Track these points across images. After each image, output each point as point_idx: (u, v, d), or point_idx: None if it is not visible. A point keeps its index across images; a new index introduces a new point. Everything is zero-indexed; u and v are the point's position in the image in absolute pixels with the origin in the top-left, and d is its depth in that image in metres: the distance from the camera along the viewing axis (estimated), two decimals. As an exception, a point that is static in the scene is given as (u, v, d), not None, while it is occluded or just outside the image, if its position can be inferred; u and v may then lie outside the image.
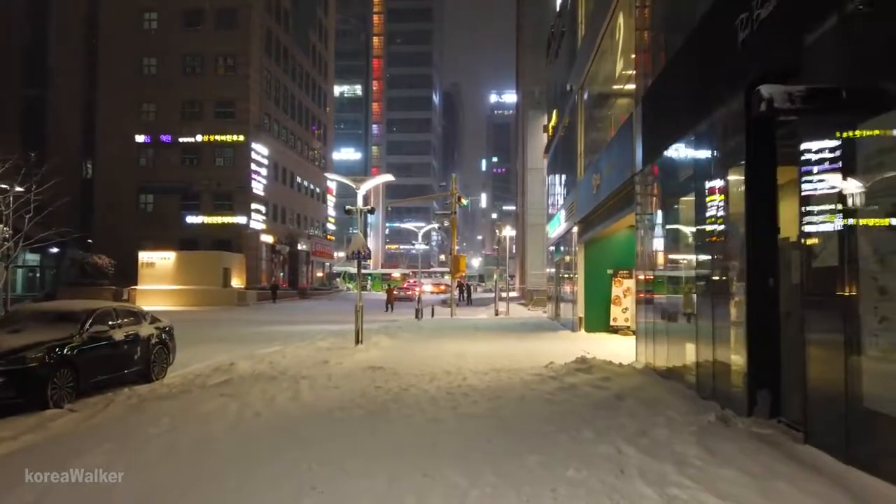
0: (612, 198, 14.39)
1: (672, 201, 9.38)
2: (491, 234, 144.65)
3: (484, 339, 18.44)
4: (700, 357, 7.98)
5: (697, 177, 8.12)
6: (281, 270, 57.30)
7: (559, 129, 26.34)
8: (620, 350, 14.95)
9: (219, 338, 20.51)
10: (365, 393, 8.88)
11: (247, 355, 14.68)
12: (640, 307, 11.45)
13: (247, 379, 10.61)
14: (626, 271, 19.69)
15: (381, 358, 13.53)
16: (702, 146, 7.96)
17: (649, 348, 10.65)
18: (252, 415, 7.50)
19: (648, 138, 10.57)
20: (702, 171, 7.98)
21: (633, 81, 15.64)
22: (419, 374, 10.79)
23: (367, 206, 16.60)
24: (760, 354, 6.46)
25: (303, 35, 62.88)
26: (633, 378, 9.32)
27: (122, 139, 49.73)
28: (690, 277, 8.65)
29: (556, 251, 27.27)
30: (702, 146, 7.96)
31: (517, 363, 12.24)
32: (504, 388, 9.19)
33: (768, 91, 4.65)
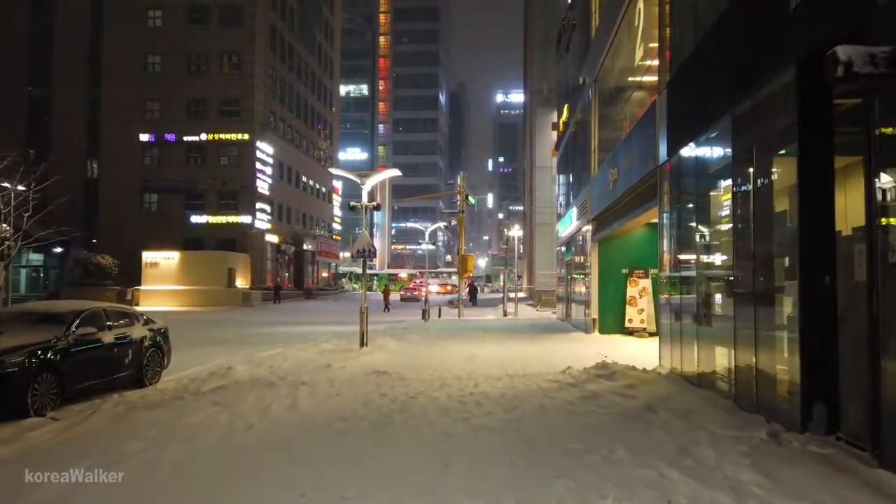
0: (630, 193, 13.63)
1: (703, 193, 8.63)
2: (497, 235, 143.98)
3: (494, 341, 17.71)
4: (738, 363, 7.23)
5: (736, 165, 7.38)
6: (286, 270, 56.71)
7: (570, 125, 25.58)
8: (639, 353, 14.21)
9: (220, 339, 19.88)
10: (369, 401, 8.17)
11: (246, 358, 14.04)
12: (664, 308, 10.70)
13: (244, 385, 9.92)
14: (642, 271, 18.95)
15: (387, 361, 12.83)
16: (741, 131, 7.21)
17: (675, 352, 9.89)
18: (244, 427, 6.80)
19: (675, 127, 9.82)
20: (741, 158, 7.23)
21: (651, 72, 14.92)
22: (427, 380, 10.07)
23: (373, 202, 15.89)
24: (816, 362, 5.71)
25: (308, 33, 62.30)
26: (660, 385, 8.58)
27: (127, 138, 49.22)
28: (725, 276, 7.91)
29: (567, 250, 26.51)
30: (741, 131, 7.21)
31: (532, 368, 11.50)
32: (520, 396, 8.46)
33: (846, 53, 3.91)
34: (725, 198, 7.92)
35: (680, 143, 9.51)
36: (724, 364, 7.91)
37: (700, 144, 8.69)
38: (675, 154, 9.80)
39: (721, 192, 8.07)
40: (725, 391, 7.72)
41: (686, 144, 9.20)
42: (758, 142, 6.79)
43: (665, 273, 10.62)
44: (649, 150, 11.52)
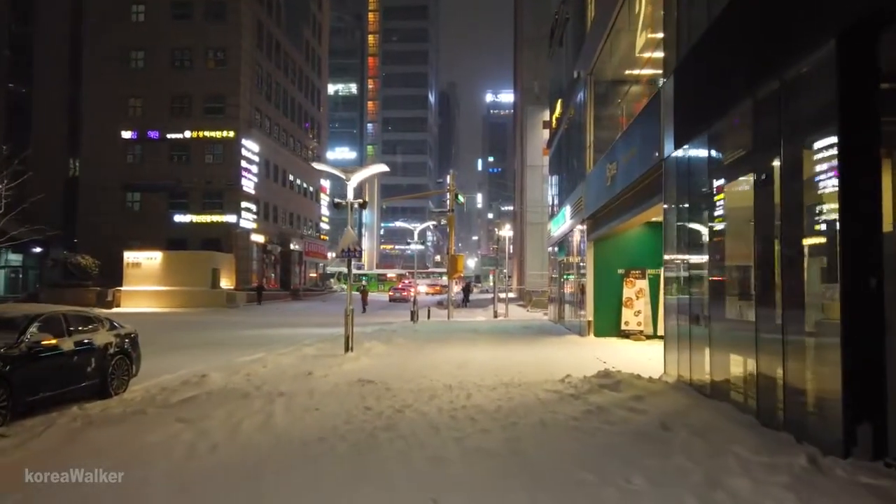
0: (631, 189, 12.91)
1: (717, 186, 7.90)
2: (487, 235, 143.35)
3: (486, 344, 16.95)
4: (761, 374, 6.50)
5: (758, 155, 6.65)
6: (272, 271, 55.68)
7: (563, 121, 24.87)
8: (639, 358, 13.50)
9: (200, 342, 19.02)
10: (351, 417, 7.37)
11: (224, 364, 13.22)
12: (670, 311, 9.97)
13: (216, 396, 9.10)
14: (639, 271, 18.27)
15: (373, 368, 12.03)
16: (765, 116, 6.48)
17: (683, 359, 9.16)
18: (207, 449, 5.98)
19: (683, 115, 9.09)
20: (764, 147, 6.50)
21: (651, 65, 14.24)
22: (416, 390, 9.28)
23: (359, 199, 15.08)
24: (860, 376, 4.98)
25: (296, 30, 61.27)
26: (671, 397, 7.84)
27: (108, 135, 48.00)
28: (745, 277, 7.18)
29: (560, 250, 25.80)
30: (765, 116, 6.48)
31: (528, 375, 10.74)
32: (518, 409, 7.69)
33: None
34: (743, 191, 7.19)
35: (689, 133, 8.78)
36: (742, 374, 7.19)
37: (713, 133, 7.96)
38: (683, 145, 9.07)
39: (738, 184, 7.34)
40: (744, 404, 7.00)
41: (696, 134, 8.48)
42: (786, 128, 6.06)
43: (672, 273, 9.90)
44: (653, 143, 10.80)
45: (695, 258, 8.81)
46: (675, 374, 9.59)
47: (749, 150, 6.92)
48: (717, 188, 7.91)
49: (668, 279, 10.13)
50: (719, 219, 7.92)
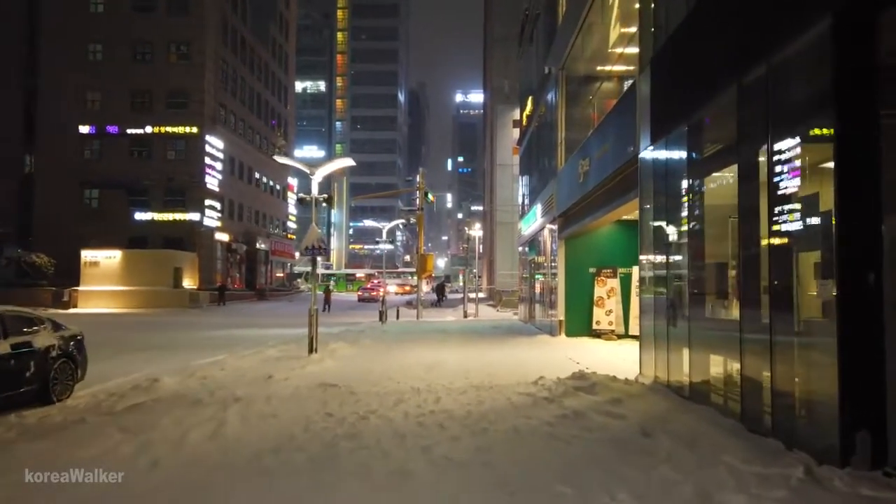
0: (604, 185, 12.57)
1: (697, 179, 7.56)
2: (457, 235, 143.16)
3: (455, 345, 16.49)
4: (747, 377, 6.16)
5: (743, 145, 6.30)
6: (238, 270, 54.48)
7: (534, 119, 24.56)
8: (612, 358, 13.19)
9: (158, 344, 18.22)
10: (310, 424, 6.83)
11: (180, 367, 12.53)
12: (646, 310, 9.63)
13: (165, 402, 8.47)
14: (610, 270, 18.02)
15: (337, 371, 11.48)
16: (751, 103, 6.13)
17: (660, 360, 8.82)
18: (147, 465, 5.39)
19: (661, 107, 8.75)
20: (750, 136, 6.15)
21: (625, 61, 13.97)
22: (382, 394, 8.77)
23: (323, 195, 14.50)
24: (859, 380, 4.63)
25: (262, 26, 60.07)
26: (649, 400, 7.46)
27: (65, 130, 46.37)
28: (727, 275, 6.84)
29: (531, 249, 25.49)
30: (751, 103, 6.13)
31: (499, 377, 10.30)
32: (489, 414, 7.24)
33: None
34: (726, 185, 6.86)
35: (667, 126, 8.44)
36: (724, 376, 6.85)
37: (693, 125, 7.62)
38: (660, 139, 8.72)
39: (721, 178, 7.00)
40: (726, 407, 6.65)
41: (675, 126, 8.13)
42: (775, 115, 5.71)
43: (648, 271, 9.56)
44: (628, 137, 10.46)
45: (673, 255, 8.47)
46: (651, 375, 9.24)
47: (733, 141, 6.57)
48: (697, 182, 7.57)
49: (643, 277, 9.79)
50: (699, 214, 7.58)
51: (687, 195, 7.90)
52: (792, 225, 5.45)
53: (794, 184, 5.39)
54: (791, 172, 5.42)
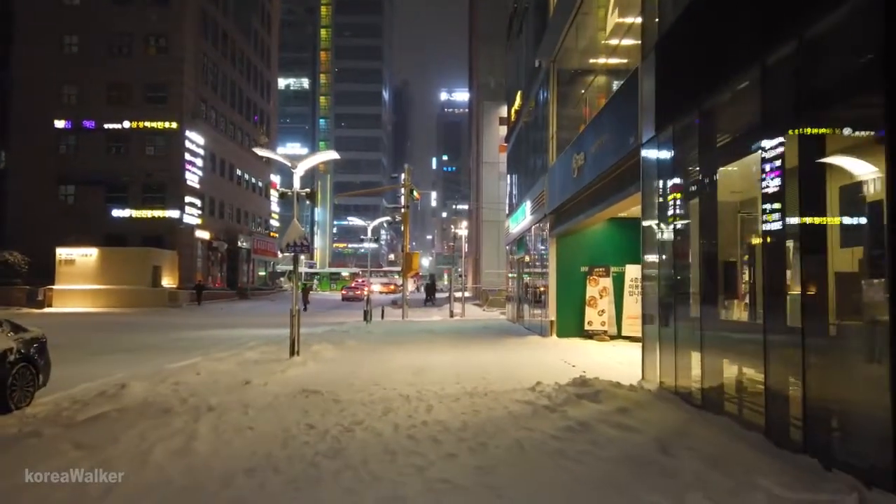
0: (601, 179, 12.00)
1: (709, 171, 6.99)
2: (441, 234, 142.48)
3: (444, 346, 15.87)
4: (772, 385, 5.59)
5: (767, 131, 5.72)
6: (219, 269, 53.41)
7: (523, 114, 24.00)
8: (607, 361, 12.65)
9: (133, 346, 17.42)
10: (289, 439, 6.17)
11: (152, 371, 11.79)
12: (650, 310, 9.06)
13: (131, 412, 7.75)
14: (602, 269, 17.50)
15: (320, 375, 10.81)
16: (778, 84, 5.56)
17: (666, 364, 8.26)
18: (98, 493, 4.69)
19: (668, 94, 8.19)
20: (777, 120, 5.58)
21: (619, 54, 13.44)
22: (368, 402, 8.12)
23: (305, 189, 13.81)
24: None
25: (244, 19, 58.99)
26: (660, 410, 6.89)
27: (40, 124, 45.03)
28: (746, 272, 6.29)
29: (519, 248, 24.92)
30: (778, 84, 5.56)
31: (493, 382, 9.69)
32: (487, 425, 6.62)
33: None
34: (745, 174, 6.30)
35: (674, 113, 7.87)
36: (744, 384, 6.30)
37: (705, 110, 7.05)
38: (666, 128, 8.16)
39: (739, 167, 6.44)
40: (747, 419, 6.10)
41: (684, 113, 7.56)
42: (806, 96, 5.14)
43: (652, 269, 8.99)
44: (628, 128, 9.90)
45: (679, 252, 7.90)
46: (655, 380, 8.69)
47: (754, 127, 6.00)
48: (709, 173, 7.01)
49: (647, 276, 9.22)
50: (711, 207, 7.01)
51: (697, 187, 7.33)
52: (827, 216, 4.88)
53: (830, 171, 4.82)
54: (822, 160, 4.85)
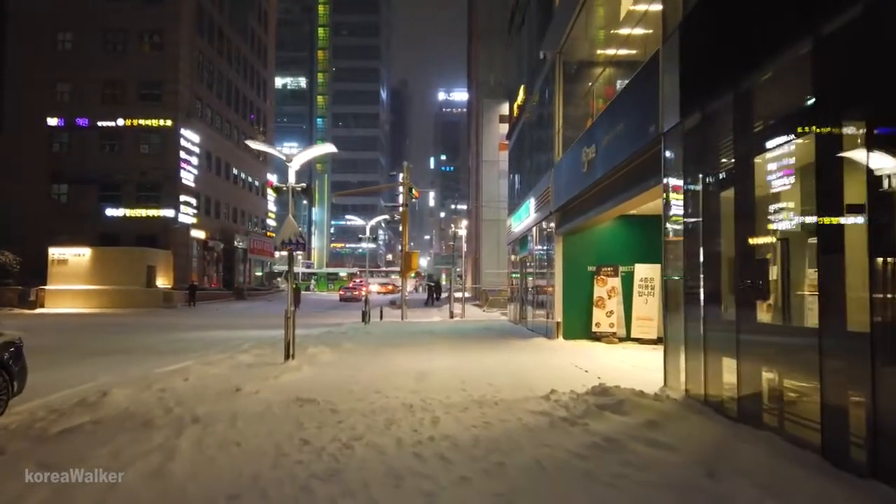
0: (616, 172, 11.33)
1: (748, 157, 6.31)
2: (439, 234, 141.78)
3: (446, 349, 15.19)
4: (831, 398, 4.91)
5: (823, 111, 5.05)
6: (215, 269, 52.66)
7: (526, 109, 23.33)
8: (620, 365, 11.98)
9: (123, 348, 16.75)
10: (280, 458, 5.48)
11: (139, 376, 11.13)
12: (673, 311, 8.39)
13: (108, 423, 7.06)
14: (611, 268, 16.83)
15: (317, 381, 10.12)
16: (833, 59, 4.89)
17: (692, 370, 7.59)
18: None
19: (696, 76, 7.51)
20: (836, 99, 4.91)
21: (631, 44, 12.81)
22: (369, 412, 7.44)
23: (300, 184, 13.13)
24: None
25: (240, 17, 58.25)
26: (693, 424, 6.21)
27: (33, 122, 44.31)
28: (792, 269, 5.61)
29: (522, 246, 24.25)
30: (833, 59, 4.89)
31: (502, 389, 9.01)
32: (501, 441, 5.94)
33: None
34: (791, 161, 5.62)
35: (704, 97, 7.20)
36: (791, 394, 5.62)
37: (743, 92, 6.38)
38: (694, 112, 7.48)
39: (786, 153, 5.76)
40: (795, 434, 5.42)
41: (716, 96, 6.89)
42: (875, 69, 4.46)
43: (675, 267, 8.31)
44: (647, 116, 9.22)
45: (709, 248, 7.23)
46: (679, 387, 8.02)
47: (805, 107, 5.33)
48: (747, 160, 6.33)
49: (670, 273, 8.54)
50: (749, 198, 6.34)
51: (731, 175, 6.66)
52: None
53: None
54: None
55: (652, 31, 12.59)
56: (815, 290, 5.22)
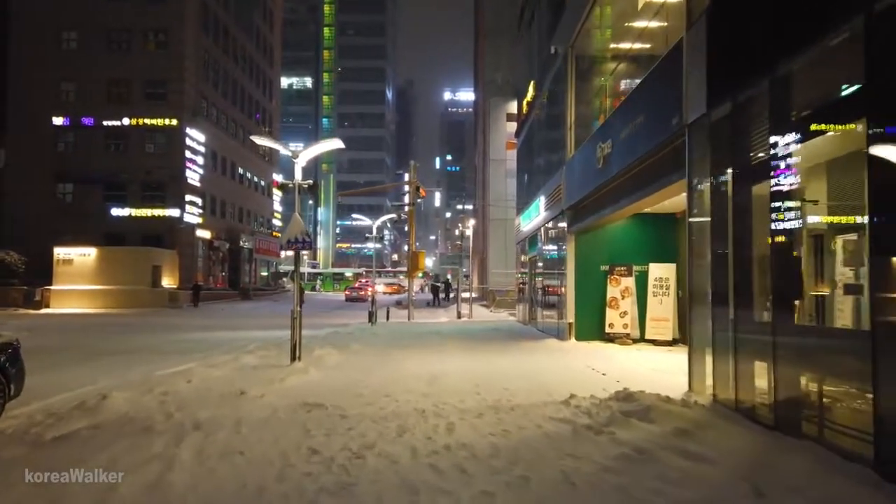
0: (633, 168, 10.92)
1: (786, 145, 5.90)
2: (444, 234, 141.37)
3: (456, 350, 14.81)
4: (887, 407, 4.51)
5: (876, 95, 4.65)
6: (220, 269, 52.41)
7: (536, 106, 22.92)
8: (637, 367, 11.57)
9: (127, 349, 16.44)
10: (287, 469, 5.11)
11: (141, 378, 10.79)
12: (700, 312, 7.98)
13: (107, 429, 6.71)
14: (624, 268, 16.41)
15: (324, 384, 9.75)
16: (887, 38, 4.48)
17: (720, 374, 7.19)
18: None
19: (725, 62, 7.11)
20: (887, 80, 4.51)
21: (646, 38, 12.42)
22: (380, 419, 7.06)
23: (307, 181, 12.77)
24: None
25: (246, 15, 57.98)
26: (728, 433, 5.79)
27: (38, 122, 44.10)
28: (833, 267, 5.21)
29: (531, 246, 23.84)
30: (887, 38, 4.48)
31: (518, 393, 8.62)
32: (522, 450, 5.55)
33: None
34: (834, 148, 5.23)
35: (733, 85, 6.79)
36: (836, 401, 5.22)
37: (780, 77, 5.96)
38: (723, 101, 7.07)
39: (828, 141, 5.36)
40: (840, 445, 5.02)
41: (749, 83, 6.48)
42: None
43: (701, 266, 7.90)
44: (669, 108, 8.81)
45: (742, 244, 6.82)
46: (705, 392, 7.62)
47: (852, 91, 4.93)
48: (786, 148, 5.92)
49: (694, 272, 8.12)
50: (787, 190, 5.94)
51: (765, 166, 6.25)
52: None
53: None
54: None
55: (670, 23, 12.21)
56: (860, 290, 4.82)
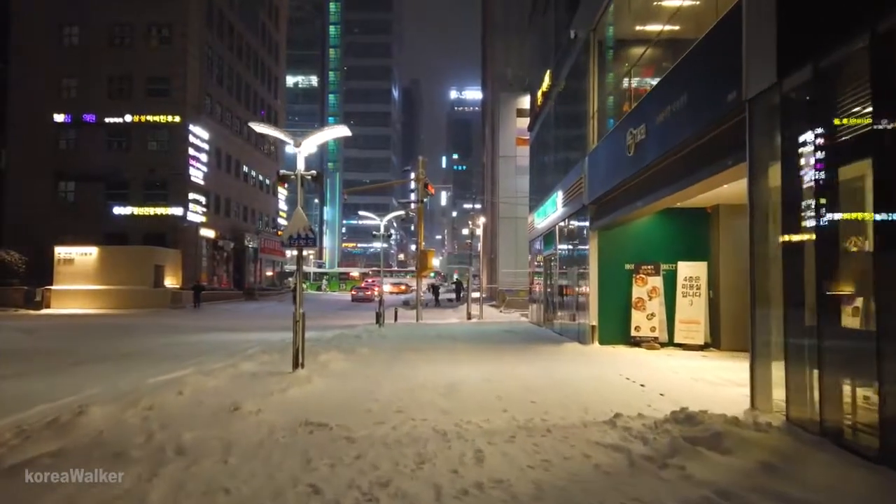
0: (674, 154, 9.80)
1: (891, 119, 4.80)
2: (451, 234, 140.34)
3: (471, 354, 13.72)
4: None
5: None
6: (224, 269, 51.50)
7: (552, 96, 21.80)
8: (674, 376, 10.46)
9: (120, 353, 15.51)
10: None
11: (130, 388, 9.76)
12: (764, 314, 6.86)
13: (71, 456, 5.66)
14: (651, 266, 15.30)
15: (329, 396, 8.69)
16: None
17: (797, 389, 6.08)
18: None
19: (805, 20, 6.01)
20: None
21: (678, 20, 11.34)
22: (393, 443, 5.98)
23: (311, 171, 11.71)
24: None
25: (251, 12, 57.06)
26: (824, 465, 4.69)
27: (39, 119, 43.38)
28: None
29: (547, 244, 22.72)
30: None
31: (550, 409, 7.52)
32: (573, 492, 4.46)
33: None
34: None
35: (816, 46, 5.69)
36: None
37: (883, 32, 4.86)
38: (799, 68, 5.96)
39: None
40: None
41: (838, 42, 5.38)
42: None
43: (766, 259, 6.80)
44: (724, 81, 7.69)
45: (828, 238, 5.71)
46: (771, 409, 6.52)
47: None
48: (891, 121, 4.82)
49: (759, 270, 7.00)
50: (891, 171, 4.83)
51: (864, 145, 5.14)
52: None
53: None
54: None
55: (703, 1, 11.13)
56: None
